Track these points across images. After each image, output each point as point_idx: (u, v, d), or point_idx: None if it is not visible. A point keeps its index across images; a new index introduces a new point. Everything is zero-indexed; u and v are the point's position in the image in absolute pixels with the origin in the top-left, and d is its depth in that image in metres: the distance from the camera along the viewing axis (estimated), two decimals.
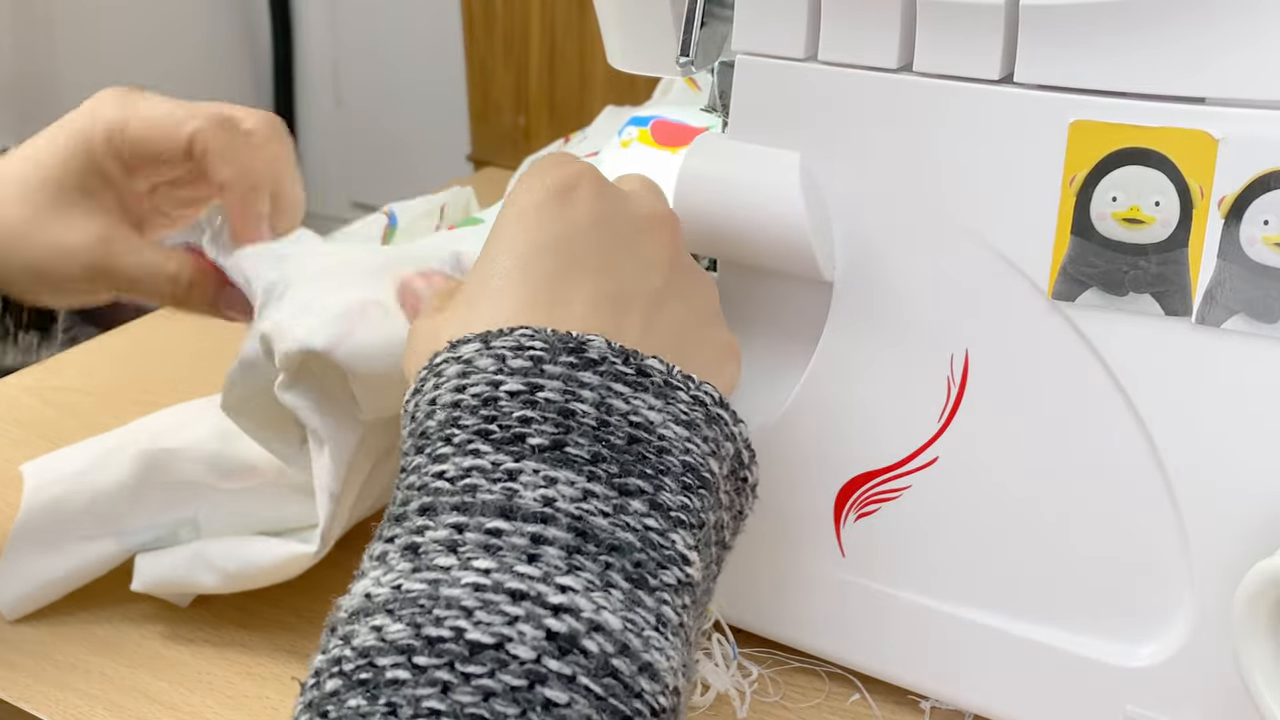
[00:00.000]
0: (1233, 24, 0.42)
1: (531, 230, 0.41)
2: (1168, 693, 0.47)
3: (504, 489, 0.34)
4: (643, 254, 0.43)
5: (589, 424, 0.36)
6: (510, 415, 0.36)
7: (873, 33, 0.47)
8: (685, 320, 0.43)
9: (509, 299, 0.40)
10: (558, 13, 1.78)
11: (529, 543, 0.33)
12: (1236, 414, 0.44)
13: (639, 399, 0.37)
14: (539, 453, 0.35)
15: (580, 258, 0.41)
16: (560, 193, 0.42)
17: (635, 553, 0.35)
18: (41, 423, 0.75)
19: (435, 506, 0.35)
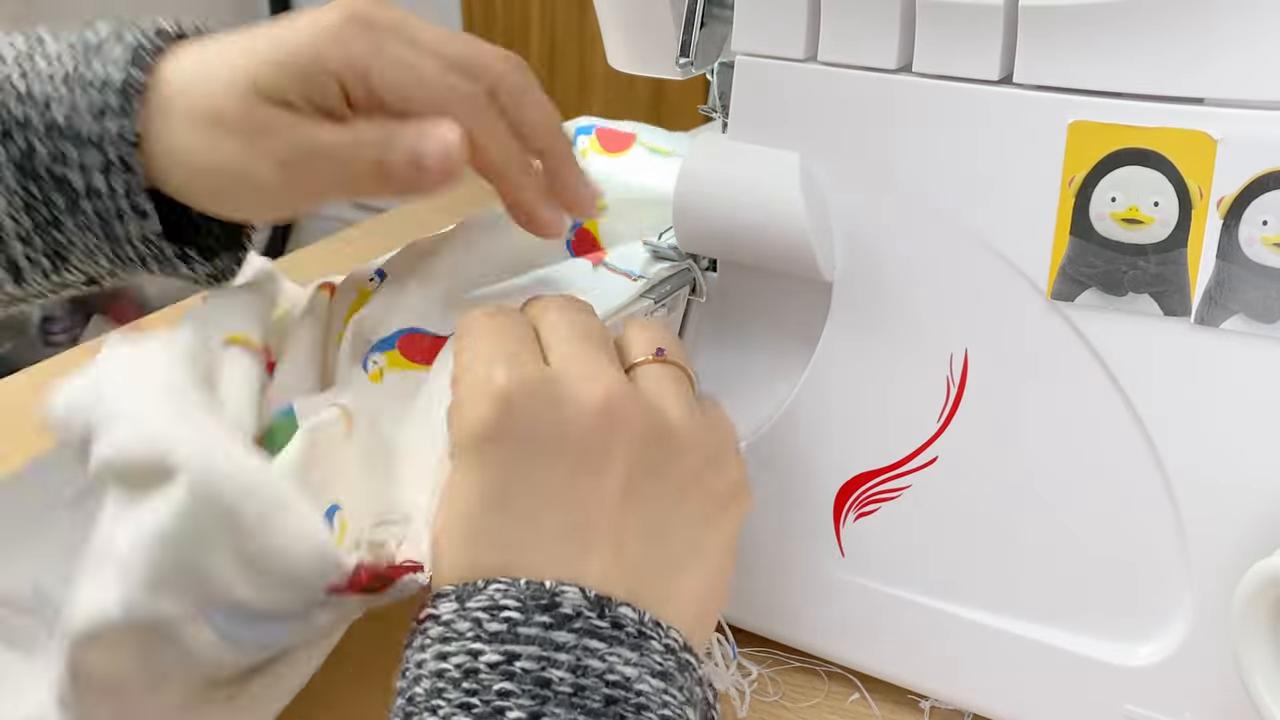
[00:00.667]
0: (1232, 24, 0.42)
1: (478, 479, 0.40)
2: (1167, 692, 0.47)
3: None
4: (593, 462, 0.40)
5: (565, 691, 0.36)
6: (490, 689, 0.36)
7: (872, 33, 0.48)
8: (661, 501, 0.42)
9: (466, 557, 0.39)
10: (558, 13, 1.78)
11: None
12: (1235, 414, 0.44)
13: (614, 654, 0.37)
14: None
15: (529, 498, 0.40)
16: (491, 436, 0.40)
17: None
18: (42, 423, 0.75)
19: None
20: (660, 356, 0.44)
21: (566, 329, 0.43)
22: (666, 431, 0.42)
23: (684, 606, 0.41)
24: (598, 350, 0.43)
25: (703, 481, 0.42)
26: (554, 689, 0.36)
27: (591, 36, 1.74)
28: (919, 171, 0.48)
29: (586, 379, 0.41)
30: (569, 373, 0.41)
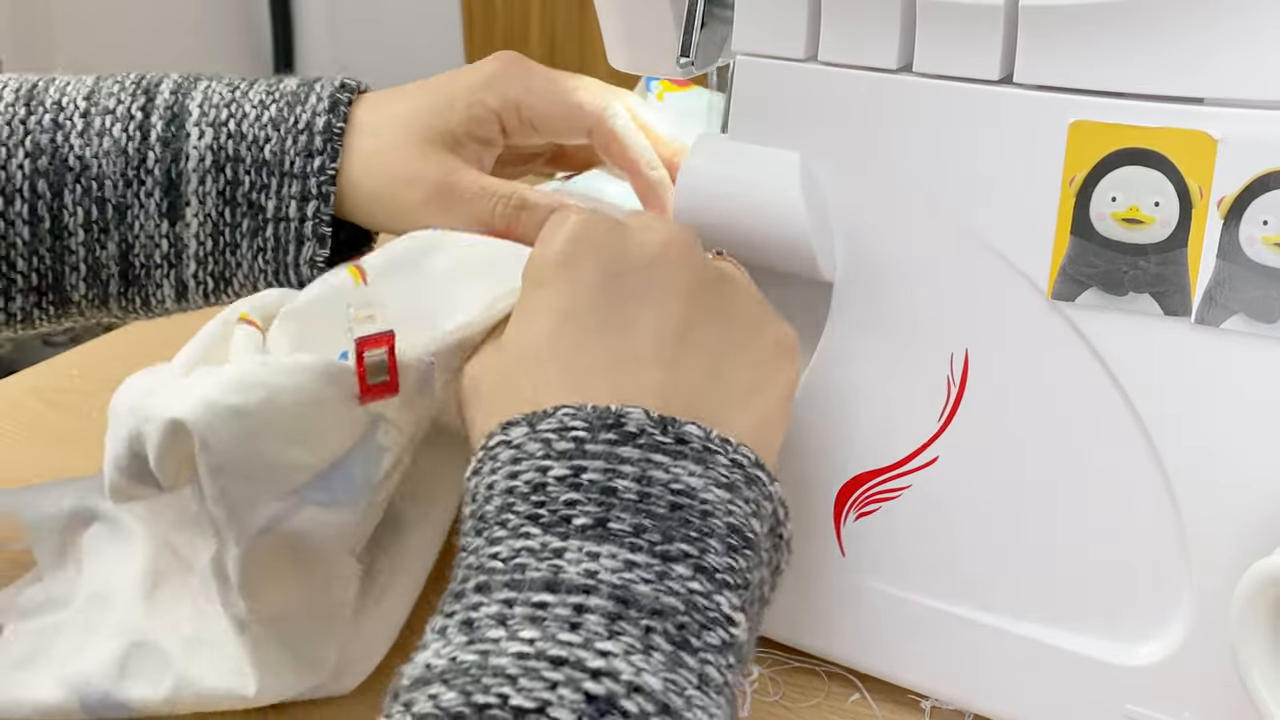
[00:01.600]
0: (1232, 24, 0.42)
1: (547, 307, 0.44)
2: (1167, 692, 0.47)
3: (550, 566, 0.37)
4: (659, 294, 0.44)
5: (630, 498, 0.38)
6: (558, 500, 0.38)
7: (873, 33, 0.48)
8: (720, 341, 0.44)
9: (541, 377, 0.43)
10: (558, 13, 1.78)
11: (572, 612, 0.36)
12: (1235, 414, 0.44)
13: (679, 467, 0.39)
14: (583, 531, 0.37)
15: (597, 322, 0.43)
16: (565, 262, 0.44)
17: (678, 615, 0.37)
18: (43, 423, 0.75)
19: (489, 585, 0.37)
20: (720, 255, 0.49)
21: (644, 216, 0.49)
22: (727, 278, 0.46)
23: (746, 430, 0.43)
24: (665, 221, 0.48)
25: (760, 330, 0.46)
26: (619, 496, 0.38)
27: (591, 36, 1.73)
28: (919, 171, 0.48)
29: (652, 226, 0.46)
30: (636, 223, 0.46)
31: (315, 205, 0.55)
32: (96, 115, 0.56)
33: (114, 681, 0.51)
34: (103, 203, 0.55)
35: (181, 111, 0.57)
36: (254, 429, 0.44)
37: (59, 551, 0.56)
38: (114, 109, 0.56)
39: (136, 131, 0.56)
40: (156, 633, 0.51)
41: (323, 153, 0.56)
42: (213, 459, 0.44)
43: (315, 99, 0.57)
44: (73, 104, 0.56)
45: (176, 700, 0.50)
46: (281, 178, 0.56)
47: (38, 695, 0.51)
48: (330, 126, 0.56)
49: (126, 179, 0.56)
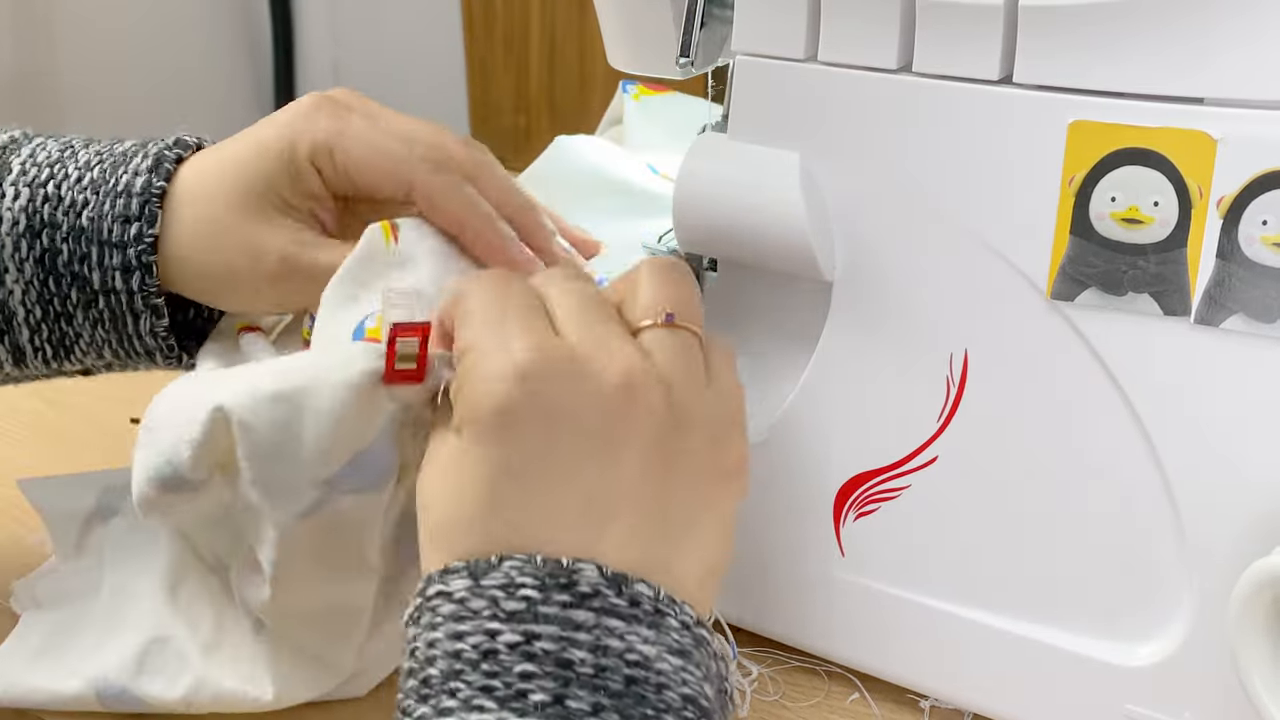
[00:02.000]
0: (1232, 24, 0.42)
1: (486, 460, 0.39)
2: (1167, 692, 0.47)
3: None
4: (611, 444, 0.40)
5: (587, 672, 0.36)
6: (511, 670, 0.36)
7: (872, 33, 0.48)
8: (671, 484, 0.41)
9: (484, 537, 0.39)
10: (558, 13, 1.79)
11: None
12: (1235, 414, 0.44)
13: (633, 633, 0.37)
14: (542, 709, 0.36)
15: (546, 474, 0.39)
16: (506, 413, 0.39)
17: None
18: (42, 423, 0.75)
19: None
20: (669, 322, 0.43)
21: (574, 299, 0.43)
22: (681, 410, 0.41)
23: (690, 582, 0.41)
24: (609, 322, 0.42)
25: (710, 458, 0.42)
26: (576, 670, 0.36)
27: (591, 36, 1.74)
28: (919, 171, 0.48)
29: (604, 356, 0.41)
30: (585, 348, 0.41)
31: (139, 276, 0.51)
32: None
33: (131, 677, 0.51)
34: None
35: (1, 168, 0.52)
36: (293, 414, 0.44)
37: (78, 543, 0.56)
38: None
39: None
40: (177, 631, 0.52)
41: (139, 218, 0.51)
42: (252, 441, 0.44)
43: (141, 157, 0.52)
44: None
45: (193, 701, 0.51)
46: (101, 246, 0.51)
47: (55, 685, 0.51)
48: (149, 188, 0.51)
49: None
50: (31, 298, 0.52)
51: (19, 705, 0.52)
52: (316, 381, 0.44)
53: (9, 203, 0.52)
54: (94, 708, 0.51)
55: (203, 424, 0.45)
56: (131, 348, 0.53)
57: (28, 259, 0.52)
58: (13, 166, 0.52)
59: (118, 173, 0.51)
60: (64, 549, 0.56)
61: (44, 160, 0.53)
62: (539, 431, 0.39)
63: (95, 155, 0.53)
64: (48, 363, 0.54)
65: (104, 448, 0.72)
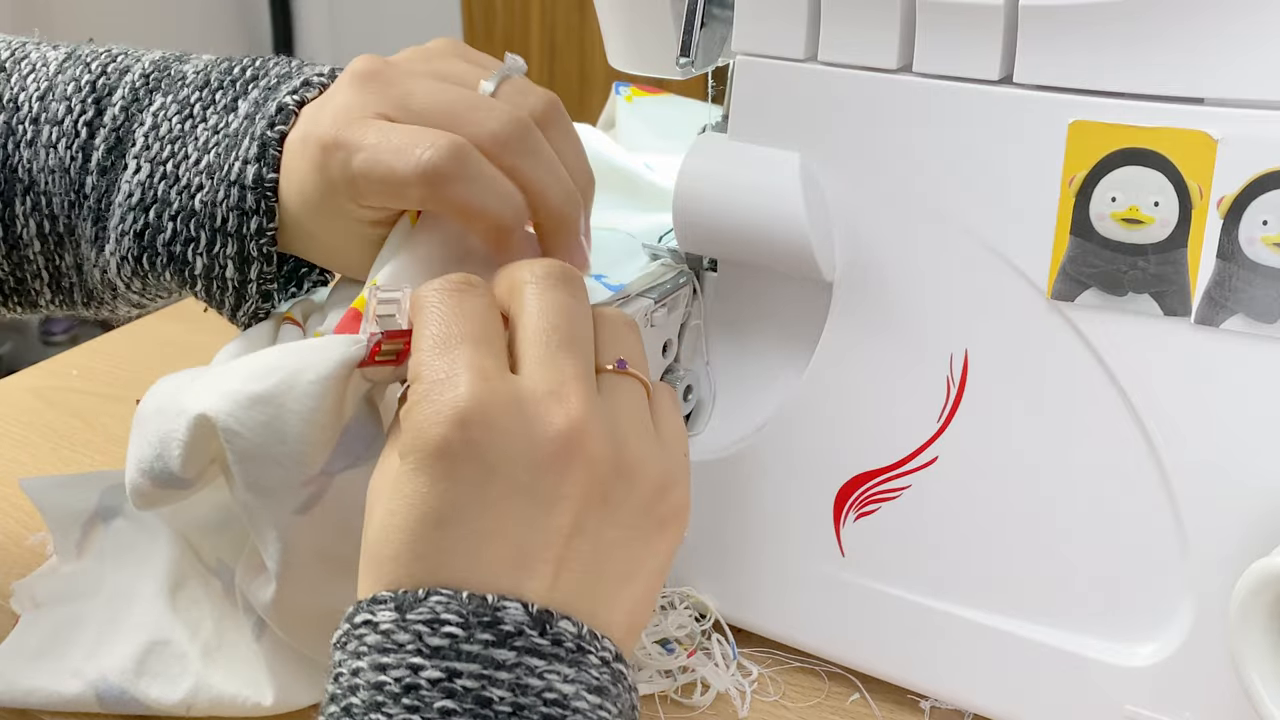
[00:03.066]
0: (1232, 24, 0.42)
1: (421, 498, 0.39)
2: (1167, 692, 0.47)
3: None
4: (543, 497, 0.40)
5: (505, 710, 0.37)
6: (431, 706, 0.37)
7: (872, 33, 0.48)
8: (606, 535, 0.41)
9: (407, 570, 0.39)
10: (558, 13, 1.78)
11: None
12: (1235, 414, 0.44)
13: (553, 672, 0.38)
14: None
15: (476, 523, 0.39)
16: (445, 454, 0.39)
17: None
18: (42, 423, 0.75)
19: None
20: (622, 369, 0.43)
21: (543, 319, 0.42)
22: (623, 467, 0.41)
23: (619, 619, 0.41)
24: (568, 355, 0.41)
25: (651, 509, 0.42)
26: (494, 708, 0.37)
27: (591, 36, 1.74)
28: (919, 171, 0.48)
29: (552, 403, 0.40)
30: (535, 389, 0.40)
31: (258, 267, 0.50)
32: (46, 124, 0.52)
33: (131, 679, 0.51)
34: (53, 219, 0.53)
35: (126, 137, 0.52)
36: (275, 413, 0.44)
37: (79, 544, 0.56)
38: (62, 120, 0.52)
39: (79, 153, 0.52)
40: (177, 634, 0.52)
41: (257, 212, 0.50)
42: (239, 447, 0.45)
43: (249, 140, 0.50)
44: (28, 104, 0.53)
45: (192, 704, 0.51)
46: (213, 234, 0.50)
47: (54, 685, 0.51)
48: (261, 180, 0.49)
49: (70, 200, 0.52)
50: (126, 272, 0.52)
51: (18, 705, 0.52)
52: (294, 378, 0.44)
53: (129, 175, 0.51)
54: (93, 709, 0.51)
55: (188, 430, 0.45)
56: (241, 294, 0.52)
57: (128, 233, 0.51)
58: (136, 138, 0.52)
59: (230, 158, 0.50)
60: (65, 549, 0.56)
61: (166, 135, 0.52)
62: (473, 479, 0.39)
63: (212, 134, 0.51)
64: (132, 306, 0.55)
65: (104, 448, 0.72)
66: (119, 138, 0.52)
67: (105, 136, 0.52)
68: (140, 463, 0.47)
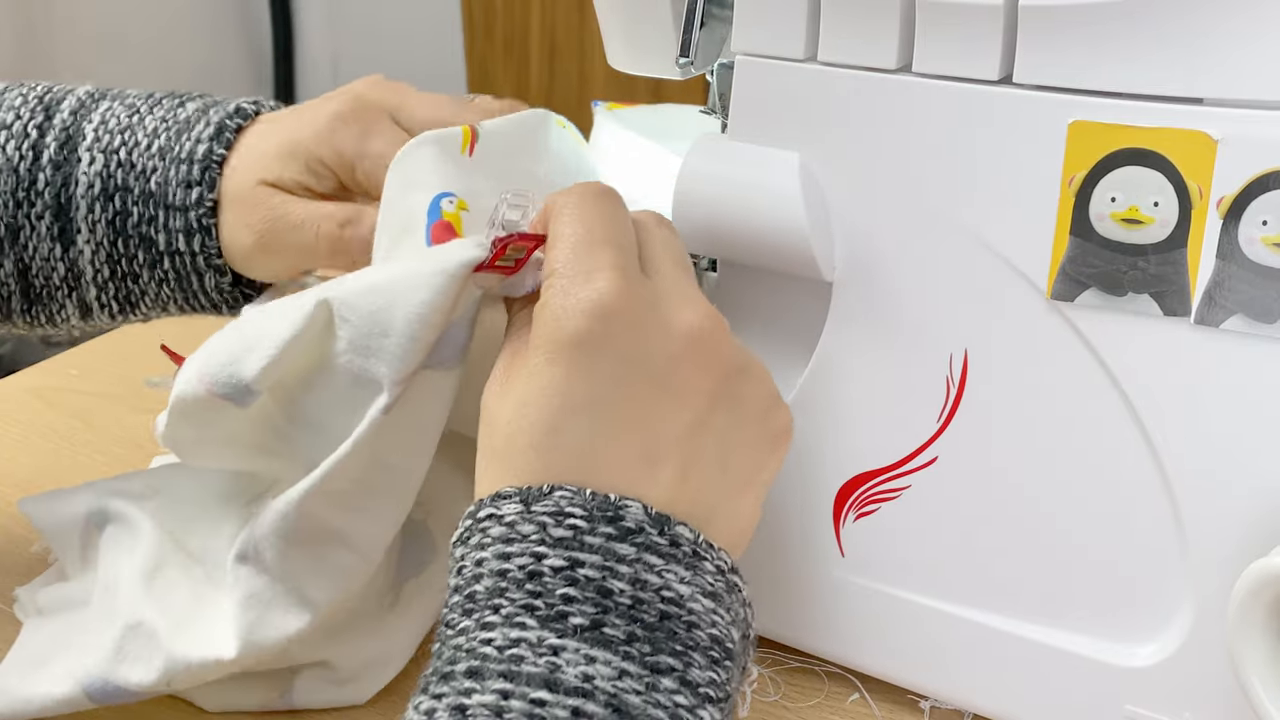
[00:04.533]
0: (1232, 24, 0.42)
1: (558, 390, 0.41)
2: (1167, 692, 0.47)
3: (548, 663, 0.37)
4: (678, 390, 0.42)
5: (625, 603, 0.38)
6: (554, 593, 0.38)
7: (872, 33, 0.48)
8: (729, 436, 0.43)
9: (542, 460, 0.41)
10: (558, 13, 1.79)
11: (570, 715, 0.36)
12: (1235, 414, 0.44)
13: (670, 571, 0.39)
14: (580, 632, 0.37)
15: (611, 413, 0.41)
16: (584, 345, 0.41)
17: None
18: (42, 423, 0.75)
19: (482, 671, 0.37)
20: None
21: (664, 243, 0.45)
22: (747, 365, 0.44)
23: (732, 530, 0.43)
24: (690, 275, 0.45)
25: (766, 416, 0.45)
26: (614, 599, 0.38)
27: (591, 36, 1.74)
28: (919, 171, 0.48)
29: (682, 304, 0.43)
30: (668, 294, 0.43)
31: (200, 239, 0.54)
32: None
33: (111, 667, 0.51)
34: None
35: (76, 134, 0.55)
36: (387, 302, 0.46)
37: (81, 556, 0.56)
38: (10, 124, 0.55)
39: (30, 151, 0.55)
40: (150, 614, 0.51)
41: (200, 183, 0.54)
42: (349, 334, 0.46)
43: (204, 124, 0.55)
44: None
45: (170, 679, 0.50)
46: (166, 210, 0.54)
47: (49, 689, 0.51)
48: (210, 155, 0.54)
49: (17, 200, 0.54)
50: (100, 258, 0.55)
51: (20, 717, 0.51)
52: (412, 273, 0.45)
53: (85, 167, 0.55)
54: (86, 706, 0.51)
55: (299, 320, 0.46)
56: (197, 303, 0.57)
57: (99, 220, 0.55)
58: (86, 133, 0.55)
59: (182, 139, 0.55)
60: (72, 563, 0.56)
61: (115, 126, 0.55)
62: (611, 369, 0.41)
63: (161, 122, 0.56)
64: (113, 317, 0.58)
65: (104, 448, 0.72)
66: (69, 135, 0.55)
67: (56, 135, 0.55)
68: (204, 369, 0.48)
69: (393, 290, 0.46)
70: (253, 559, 0.50)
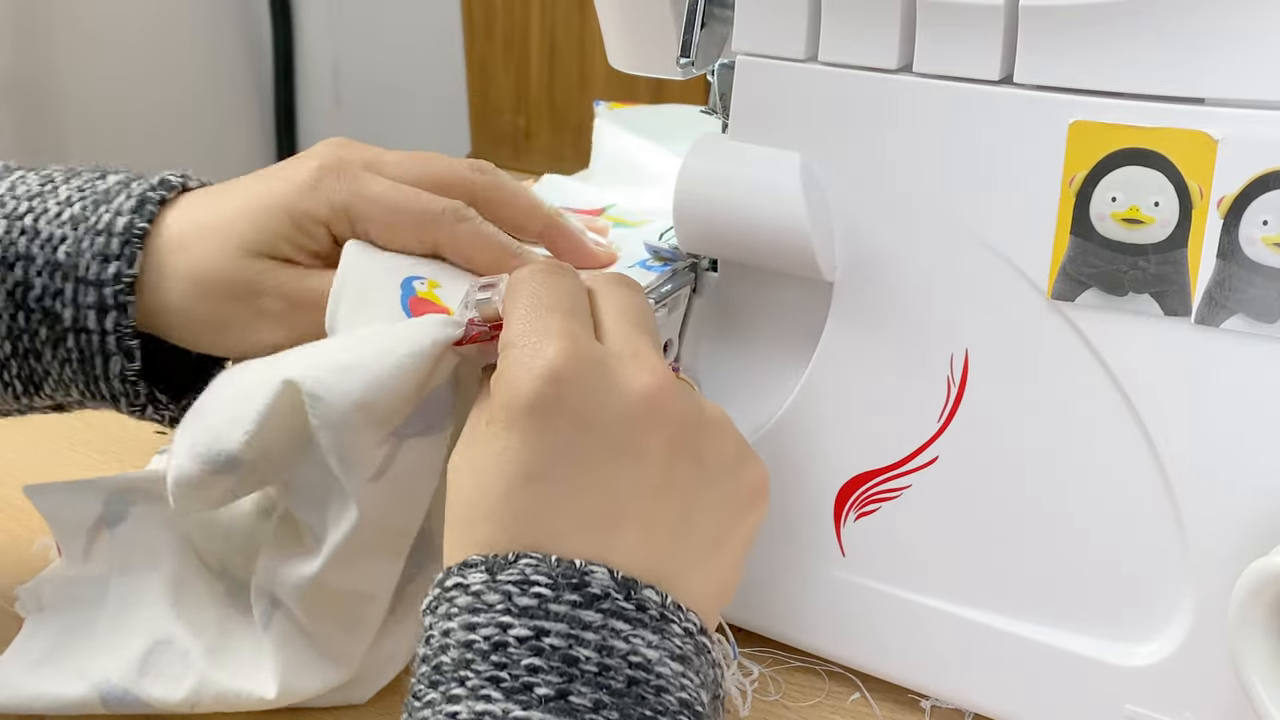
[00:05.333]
0: (1233, 24, 0.42)
1: (514, 458, 0.40)
2: (1167, 692, 0.47)
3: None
4: (635, 451, 0.41)
5: (591, 670, 0.38)
6: (519, 663, 0.37)
7: (873, 33, 0.48)
8: (694, 496, 0.43)
9: (500, 530, 0.40)
10: (558, 13, 1.79)
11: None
12: (1235, 414, 0.44)
13: (638, 636, 0.39)
14: (545, 703, 0.37)
15: (567, 484, 0.40)
16: (538, 410, 0.40)
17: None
18: (42, 423, 0.75)
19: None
20: (675, 368, 0.46)
21: (619, 305, 0.45)
22: (706, 422, 0.43)
23: (702, 593, 0.42)
24: (647, 336, 0.44)
25: (734, 473, 0.44)
26: (580, 667, 0.38)
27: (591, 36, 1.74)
28: (919, 171, 0.48)
29: (637, 365, 0.42)
30: (621, 355, 0.42)
31: (114, 317, 0.50)
32: None
33: (134, 679, 0.51)
34: None
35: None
36: (364, 382, 0.45)
37: (85, 550, 0.56)
38: None
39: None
40: (179, 634, 0.52)
41: (119, 258, 0.50)
42: (323, 413, 0.45)
43: (125, 196, 0.51)
44: None
45: (196, 701, 0.51)
46: (76, 283, 0.50)
47: (59, 689, 0.51)
48: (131, 228, 0.50)
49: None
50: (0, 332, 0.51)
51: (23, 711, 0.52)
52: (387, 352, 0.45)
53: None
54: (98, 710, 0.51)
55: (269, 397, 0.46)
56: (98, 390, 0.52)
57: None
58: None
59: (99, 210, 0.51)
60: (73, 555, 0.56)
61: (23, 194, 0.52)
62: (565, 433, 0.40)
63: (77, 191, 0.52)
64: (18, 398, 0.54)
65: (104, 448, 0.72)
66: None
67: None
68: (194, 448, 0.47)
69: (369, 370, 0.45)
70: (284, 610, 0.51)
